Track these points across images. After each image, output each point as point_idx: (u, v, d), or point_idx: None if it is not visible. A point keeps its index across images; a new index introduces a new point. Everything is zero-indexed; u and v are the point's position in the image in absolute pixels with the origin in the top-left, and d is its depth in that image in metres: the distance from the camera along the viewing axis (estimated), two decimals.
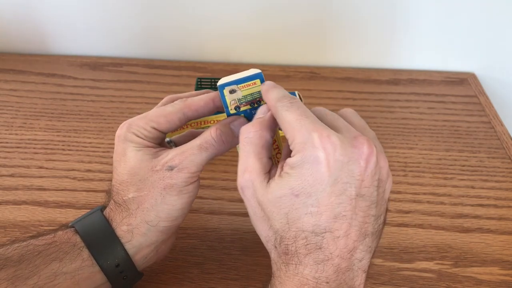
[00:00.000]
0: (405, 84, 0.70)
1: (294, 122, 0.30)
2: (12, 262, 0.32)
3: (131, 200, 0.34)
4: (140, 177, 0.34)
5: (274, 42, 0.74)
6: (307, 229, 0.29)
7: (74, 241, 0.34)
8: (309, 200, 0.29)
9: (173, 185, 0.34)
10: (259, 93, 0.34)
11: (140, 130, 0.35)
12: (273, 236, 0.31)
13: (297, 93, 0.58)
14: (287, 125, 0.31)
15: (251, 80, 0.34)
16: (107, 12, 0.72)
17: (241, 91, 0.34)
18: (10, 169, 0.52)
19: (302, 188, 0.29)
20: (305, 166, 0.29)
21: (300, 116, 0.30)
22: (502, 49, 0.71)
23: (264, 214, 0.31)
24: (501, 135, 0.59)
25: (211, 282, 0.41)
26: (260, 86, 0.34)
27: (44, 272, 0.32)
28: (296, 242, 0.29)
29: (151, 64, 0.73)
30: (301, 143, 0.29)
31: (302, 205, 0.29)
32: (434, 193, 0.50)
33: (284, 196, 0.30)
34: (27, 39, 0.76)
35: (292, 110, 0.31)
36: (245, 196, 0.32)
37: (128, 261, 0.34)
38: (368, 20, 0.70)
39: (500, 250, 0.44)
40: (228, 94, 0.34)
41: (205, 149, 0.34)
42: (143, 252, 0.35)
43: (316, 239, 0.29)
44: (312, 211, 0.29)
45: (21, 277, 0.32)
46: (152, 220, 0.34)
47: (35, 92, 0.66)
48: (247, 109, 0.35)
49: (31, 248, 0.33)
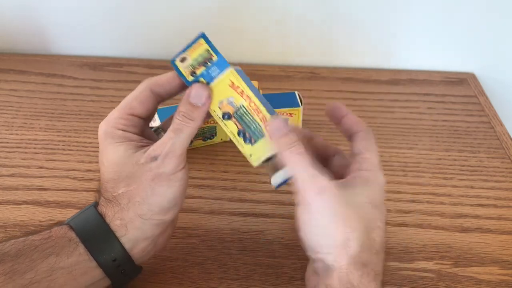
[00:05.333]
0: (405, 84, 0.70)
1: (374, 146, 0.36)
2: (9, 257, 0.32)
3: (121, 195, 0.34)
4: (126, 173, 0.34)
5: (274, 42, 0.74)
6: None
7: (69, 236, 0.34)
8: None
9: (161, 174, 0.34)
10: (207, 51, 0.34)
11: (118, 121, 0.35)
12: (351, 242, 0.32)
13: (296, 94, 0.58)
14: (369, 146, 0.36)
15: (195, 42, 0.35)
16: (107, 13, 0.72)
17: (190, 56, 0.35)
18: (10, 169, 0.53)
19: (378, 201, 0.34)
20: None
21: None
22: (502, 49, 0.71)
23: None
24: (501, 135, 0.59)
25: (211, 282, 0.41)
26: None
27: (41, 266, 0.32)
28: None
29: (151, 64, 0.73)
30: (375, 164, 0.35)
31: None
32: (434, 193, 0.50)
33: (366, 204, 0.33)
34: (27, 39, 0.76)
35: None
36: (323, 200, 0.32)
37: (124, 255, 0.34)
38: (368, 20, 0.70)
39: (500, 250, 0.44)
40: (180, 64, 0.35)
41: (179, 131, 0.34)
42: (140, 246, 0.35)
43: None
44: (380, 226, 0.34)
45: (18, 272, 0.32)
46: (145, 214, 0.34)
47: (36, 92, 0.66)
48: (203, 71, 0.35)
49: (28, 243, 0.33)
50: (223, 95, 0.35)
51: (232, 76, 0.35)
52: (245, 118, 0.35)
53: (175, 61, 0.35)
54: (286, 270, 0.42)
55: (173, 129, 0.34)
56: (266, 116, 0.35)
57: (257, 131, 0.35)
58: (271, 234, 0.45)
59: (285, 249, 0.44)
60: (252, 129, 0.35)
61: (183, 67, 0.35)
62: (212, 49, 0.34)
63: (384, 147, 0.57)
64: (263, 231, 0.45)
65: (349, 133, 0.38)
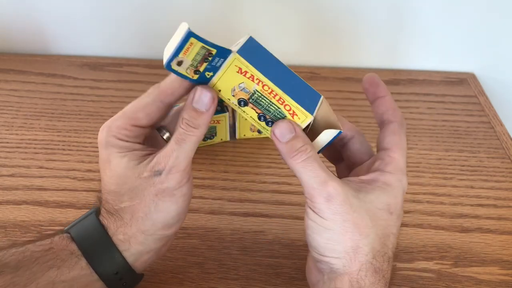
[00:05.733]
0: (404, 84, 0.70)
1: (404, 143, 0.34)
2: (9, 269, 0.31)
3: (123, 209, 0.33)
4: (129, 186, 0.33)
5: (274, 42, 0.73)
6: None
7: (71, 249, 0.33)
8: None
9: (165, 190, 0.32)
10: (203, 47, 0.31)
11: (121, 131, 0.33)
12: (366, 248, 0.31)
13: None
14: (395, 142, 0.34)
15: (185, 42, 0.30)
16: (107, 12, 0.72)
17: (187, 57, 0.31)
18: (10, 169, 0.53)
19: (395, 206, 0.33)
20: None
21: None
22: (502, 49, 0.71)
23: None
24: (501, 135, 0.59)
25: (211, 282, 0.41)
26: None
27: (42, 280, 0.32)
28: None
29: (151, 64, 0.73)
30: (401, 167, 0.33)
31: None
32: (434, 193, 0.50)
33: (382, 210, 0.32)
34: (27, 39, 0.76)
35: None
36: (332, 207, 0.31)
37: (127, 268, 0.34)
38: (368, 20, 0.70)
39: (500, 250, 0.44)
40: (179, 68, 0.31)
41: (183, 141, 0.32)
42: (142, 259, 0.35)
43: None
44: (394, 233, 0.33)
45: (18, 285, 0.31)
46: (148, 230, 0.33)
47: (36, 92, 0.66)
48: (206, 66, 0.32)
49: (28, 255, 0.32)
50: (233, 82, 0.32)
51: (238, 61, 0.32)
52: (262, 101, 0.33)
53: (171, 66, 0.31)
54: (286, 270, 0.42)
55: (176, 139, 0.32)
56: (283, 97, 0.32)
57: (277, 112, 0.33)
58: (271, 234, 0.45)
59: (285, 249, 0.44)
60: (272, 112, 0.33)
61: (184, 69, 0.32)
62: (207, 44, 0.31)
63: None
64: (263, 231, 0.45)
65: (381, 119, 0.35)
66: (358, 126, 0.60)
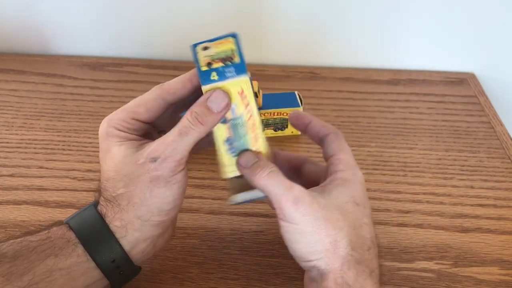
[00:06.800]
0: (404, 84, 0.70)
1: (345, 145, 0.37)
2: (7, 259, 0.32)
3: (120, 196, 0.34)
4: (125, 172, 0.33)
5: (275, 42, 0.74)
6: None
7: (68, 237, 0.34)
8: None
9: (159, 177, 0.33)
10: (232, 50, 0.33)
11: (121, 123, 0.34)
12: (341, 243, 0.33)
13: (296, 94, 0.58)
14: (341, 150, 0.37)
15: (224, 38, 0.33)
16: (107, 12, 0.72)
17: (214, 48, 0.33)
18: (10, 169, 0.53)
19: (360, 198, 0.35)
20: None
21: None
22: (502, 49, 0.71)
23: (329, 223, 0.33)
24: (501, 135, 0.59)
25: (211, 282, 0.41)
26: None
27: (40, 268, 0.32)
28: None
29: (151, 64, 0.73)
30: (351, 162, 0.36)
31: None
32: (434, 193, 0.50)
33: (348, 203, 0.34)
34: (27, 39, 0.76)
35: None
36: (301, 209, 0.32)
37: (124, 256, 0.34)
38: (368, 20, 0.70)
39: (500, 250, 0.44)
40: (200, 51, 0.33)
41: (185, 134, 0.33)
42: (139, 247, 0.35)
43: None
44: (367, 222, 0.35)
45: (16, 273, 0.31)
46: (144, 215, 0.34)
47: (36, 92, 0.66)
48: (219, 67, 0.33)
49: (25, 244, 0.33)
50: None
51: (245, 85, 0.33)
52: (240, 129, 0.34)
53: (197, 46, 0.33)
54: (286, 270, 0.42)
55: (179, 131, 0.33)
56: (258, 137, 0.34)
57: (243, 147, 0.34)
58: (271, 234, 0.45)
59: (285, 249, 0.43)
60: (241, 143, 0.34)
61: (203, 54, 0.33)
62: (238, 51, 0.33)
63: (384, 147, 0.57)
64: (263, 231, 0.46)
65: (318, 138, 0.38)
66: (358, 126, 0.61)
